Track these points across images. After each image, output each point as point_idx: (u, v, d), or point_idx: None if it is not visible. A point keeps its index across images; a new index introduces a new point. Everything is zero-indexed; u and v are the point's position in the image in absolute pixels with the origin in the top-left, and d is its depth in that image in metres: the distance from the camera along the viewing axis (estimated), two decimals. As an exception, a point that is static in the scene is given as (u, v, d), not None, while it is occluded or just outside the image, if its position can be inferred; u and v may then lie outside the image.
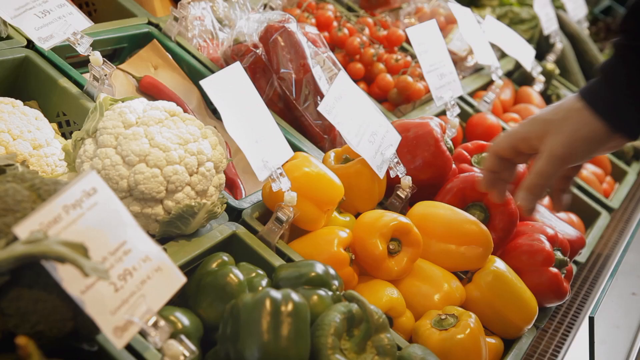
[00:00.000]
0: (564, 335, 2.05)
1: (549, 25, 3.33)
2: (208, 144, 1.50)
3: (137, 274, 1.15)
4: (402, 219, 1.69)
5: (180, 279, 1.20)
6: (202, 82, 1.49)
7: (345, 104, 1.79)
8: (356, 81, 2.51)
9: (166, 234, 1.49)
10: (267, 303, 1.25)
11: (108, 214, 1.14)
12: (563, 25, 3.62)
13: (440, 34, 2.22)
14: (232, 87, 1.57)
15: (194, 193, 1.47)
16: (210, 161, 1.49)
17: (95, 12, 2.21)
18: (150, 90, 2.00)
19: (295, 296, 1.27)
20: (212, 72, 2.10)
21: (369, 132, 1.83)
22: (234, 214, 1.67)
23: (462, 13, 2.61)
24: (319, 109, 1.73)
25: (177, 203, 1.45)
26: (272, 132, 1.62)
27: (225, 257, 1.47)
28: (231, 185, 1.91)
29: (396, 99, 2.46)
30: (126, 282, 1.14)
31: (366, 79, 2.54)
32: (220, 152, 1.52)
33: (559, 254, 1.89)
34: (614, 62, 1.44)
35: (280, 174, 1.57)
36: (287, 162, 1.64)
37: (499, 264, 1.76)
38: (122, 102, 1.52)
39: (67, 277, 1.08)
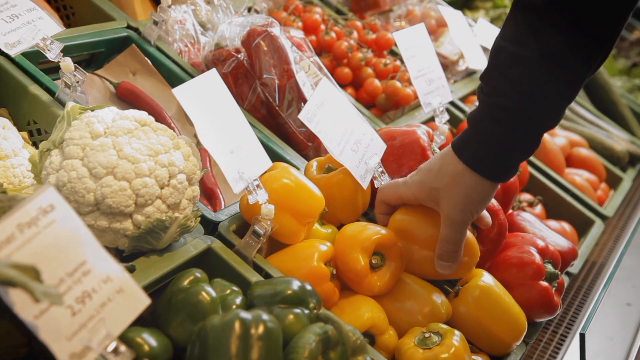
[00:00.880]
0: (554, 351, 1.99)
1: (543, 28, 3.26)
2: (180, 155, 1.43)
3: (97, 296, 1.09)
4: (386, 232, 1.63)
5: (144, 301, 1.14)
6: (174, 91, 1.43)
7: (327, 111, 1.73)
8: (344, 86, 2.45)
9: (136, 249, 1.42)
10: (237, 325, 1.18)
11: (66, 233, 1.08)
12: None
13: (429, 38, 2.15)
14: (207, 95, 1.50)
15: (165, 206, 1.40)
16: (183, 173, 1.43)
17: (74, 16, 2.15)
18: (127, 97, 1.93)
19: (266, 317, 1.20)
20: (193, 77, 2.04)
21: (352, 140, 1.77)
22: (210, 226, 1.61)
23: (453, 16, 2.55)
24: (299, 116, 1.67)
25: (147, 217, 1.38)
26: (250, 142, 1.56)
27: (198, 273, 1.40)
28: (210, 196, 1.84)
29: (384, 105, 2.39)
30: (84, 305, 1.07)
31: (354, 84, 2.48)
32: (194, 163, 1.46)
33: (549, 267, 1.83)
34: (481, 114, 1.54)
35: (257, 185, 1.51)
36: (265, 172, 1.58)
37: (487, 278, 1.70)
38: (92, 111, 1.45)
39: (19, 302, 1.01)
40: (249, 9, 2.37)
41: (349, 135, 1.76)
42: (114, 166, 1.35)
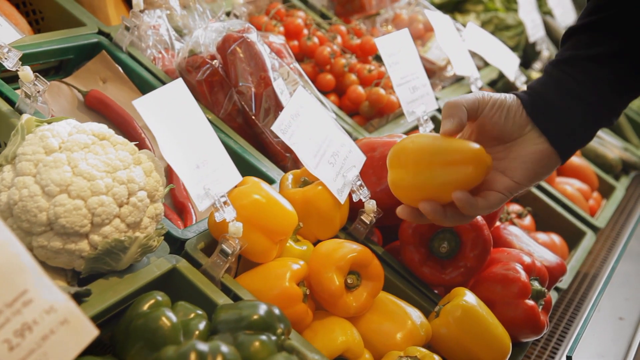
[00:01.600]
0: (541, 372, 1.91)
1: (535, 32, 3.19)
2: (141, 171, 1.35)
3: (38, 328, 1.01)
4: (362, 249, 1.55)
5: (91, 332, 1.05)
6: (134, 103, 1.34)
7: (303, 121, 1.65)
8: (326, 93, 2.37)
9: (94, 270, 1.34)
10: (192, 358, 1.10)
11: (6, 260, 1.00)
12: (550, 32, 3.48)
13: (413, 44, 2.07)
14: (171, 107, 1.42)
15: (124, 226, 1.32)
16: (143, 190, 1.34)
17: (43, 21, 2.06)
18: (96, 106, 1.85)
19: (225, 350, 1.12)
20: (166, 85, 1.96)
21: (329, 152, 1.69)
22: (177, 244, 1.53)
23: (440, 21, 2.47)
24: (272, 128, 1.59)
25: (104, 237, 1.30)
26: (218, 156, 1.48)
27: (159, 296, 1.32)
28: (181, 210, 1.77)
29: (368, 112, 2.31)
30: (24, 338, 0.99)
31: (337, 91, 2.40)
32: (156, 180, 1.38)
33: (536, 284, 1.75)
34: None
35: (225, 202, 1.43)
36: (234, 188, 1.50)
37: (469, 297, 1.61)
38: (48, 123, 1.37)
39: (-51, 337, 0.93)
40: (228, 14, 2.29)
41: (326, 147, 1.69)
42: (68, 184, 1.26)
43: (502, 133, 1.49)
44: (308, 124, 1.66)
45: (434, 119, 2.50)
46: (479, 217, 1.74)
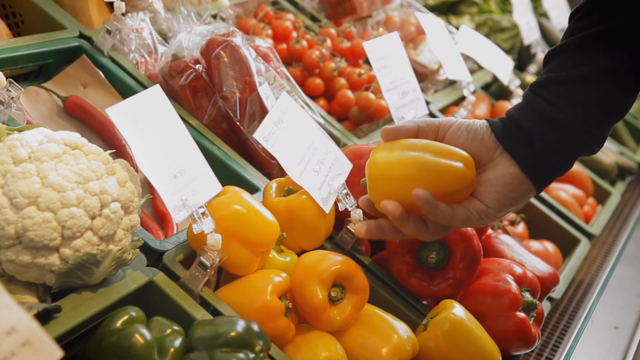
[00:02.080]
0: (533, 386, 1.86)
1: (529, 34, 3.14)
2: (114, 182, 1.30)
3: (-2, 350, 0.96)
4: (346, 261, 1.50)
5: (55, 354, 1.00)
6: (108, 110, 1.29)
7: (286, 128, 1.60)
8: (315, 97, 2.32)
9: (66, 285, 1.29)
10: (162, 380, 1.05)
11: (-36, 278, 0.95)
12: (546, 34, 3.43)
13: (402, 48, 2.02)
14: (148, 114, 1.37)
15: (96, 239, 1.27)
16: (117, 201, 1.29)
17: (23, 24, 2.01)
18: (76, 112, 1.80)
19: (197, 370, 1.07)
20: (149, 90, 1.91)
21: (314, 160, 1.64)
22: (155, 256, 1.48)
23: (432, 24, 2.42)
24: (255, 135, 1.54)
25: (75, 251, 1.25)
26: (197, 165, 1.42)
27: (134, 312, 1.27)
28: (162, 220, 1.72)
29: (357, 118, 2.26)
30: (-18, 362, 0.94)
31: (326, 95, 2.35)
32: (131, 190, 1.32)
33: (527, 296, 1.70)
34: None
35: (203, 213, 1.38)
36: (214, 198, 1.45)
37: (458, 310, 1.56)
38: (19, 132, 1.32)
39: None
40: (215, 16, 2.24)
41: (310, 155, 1.64)
42: (36, 195, 1.21)
43: (474, 158, 1.44)
44: (292, 130, 1.61)
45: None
46: (469, 227, 1.69)
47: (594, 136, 1.41)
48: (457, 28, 2.76)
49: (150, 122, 1.37)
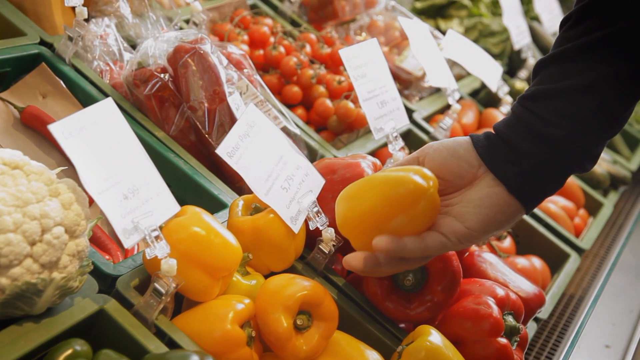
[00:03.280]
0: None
1: (520, 38, 3.04)
2: (58, 204, 1.20)
3: None
4: (313, 287, 1.40)
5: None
6: (50, 127, 1.19)
7: (253, 143, 1.50)
8: (292, 106, 2.22)
9: (5, 315, 1.19)
10: None
11: None
12: (537, 39, 3.33)
13: (382, 55, 1.92)
14: (97, 130, 1.27)
15: (37, 266, 1.17)
16: (61, 225, 1.19)
17: (-18, 30, 1.91)
18: (33, 124, 1.70)
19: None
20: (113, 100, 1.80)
21: (283, 176, 1.54)
22: (109, 281, 1.38)
23: (415, 29, 2.32)
24: (217, 151, 1.44)
25: (13, 280, 1.15)
26: (152, 184, 1.32)
27: (78, 346, 1.17)
28: (122, 239, 1.61)
29: (336, 128, 2.17)
30: None
31: (305, 104, 2.25)
32: (77, 213, 1.22)
33: (510, 320, 1.60)
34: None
35: (156, 237, 1.28)
36: (171, 219, 1.35)
37: (435, 337, 1.46)
38: (-43, 150, 1.22)
39: None
40: (187, 21, 2.14)
41: (279, 170, 1.54)
42: (-31, 221, 1.11)
43: (455, 177, 1.34)
44: (259, 145, 1.51)
45: (408, 133, 2.36)
46: (448, 247, 1.59)
47: (586, 152, 1.32)
48: (445, 32, 2.66)
49: (100, 139, 1.27)
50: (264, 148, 1.52)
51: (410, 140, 2.35)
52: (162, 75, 1.78)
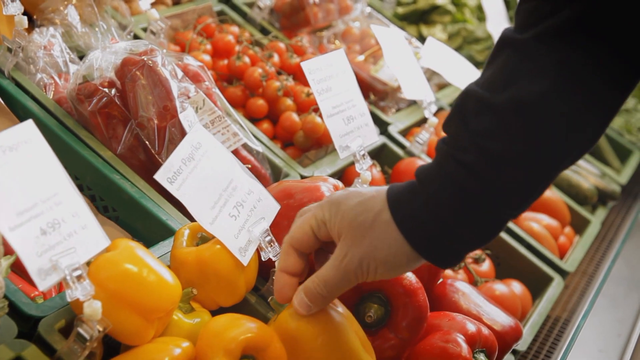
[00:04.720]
0: None
1: (504, 46, 2.90)
2: (-38, 243, 1.06)
3: None
4: (259, 328, 1.26)
5: None
6: (-47, 156, 1.06)
7: (198, 167, 1.37)
8: (257, 120, 2.09)
9: None
10: None
11: None
12: (524, 45, 3.19)
13: (349, 67, 1.78)
14: (15, 157, 1.13)
15: (-64, 314, 1.04)
16: (-35, 266, 1.06)
17: None
18: (-36, 143, 1.56)
19: None
20: (56, 117, 1.67)
21: (232, 203, 1.40)
22: (32, 322, 1.24)
23: (389, 37, 2.18)
24: (156, 177, 1.31)
25: None
26: (77, 217, 1.19)
27: (-17, 403, 1.04)
28: (58, 270, 1.48)
29: (303, 143, 2.03)
30: None
31: (271, 118, 2.11)
32: (-13, 250, 1.09)
33: (481, 358, 1.47)
34: (434, 173, 1.13)
35: (78, 277, 1.14)
36: (100, 255, 1.21)
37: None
38: None
39: None
40: (145, 30, 2.00)
41: (227, 196, 1.40)
42: None
43: None
44: (205, 168, 1.38)
45: (382, 148, 2.23)
46: (413, 278, 1.46)
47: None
48: (422, 41, 2.53)
49: (17, 167, 1.13)
50: (210, 172, 1.39)
51: (385, 155, 2.22)
52: (108, 90, 1.65)
